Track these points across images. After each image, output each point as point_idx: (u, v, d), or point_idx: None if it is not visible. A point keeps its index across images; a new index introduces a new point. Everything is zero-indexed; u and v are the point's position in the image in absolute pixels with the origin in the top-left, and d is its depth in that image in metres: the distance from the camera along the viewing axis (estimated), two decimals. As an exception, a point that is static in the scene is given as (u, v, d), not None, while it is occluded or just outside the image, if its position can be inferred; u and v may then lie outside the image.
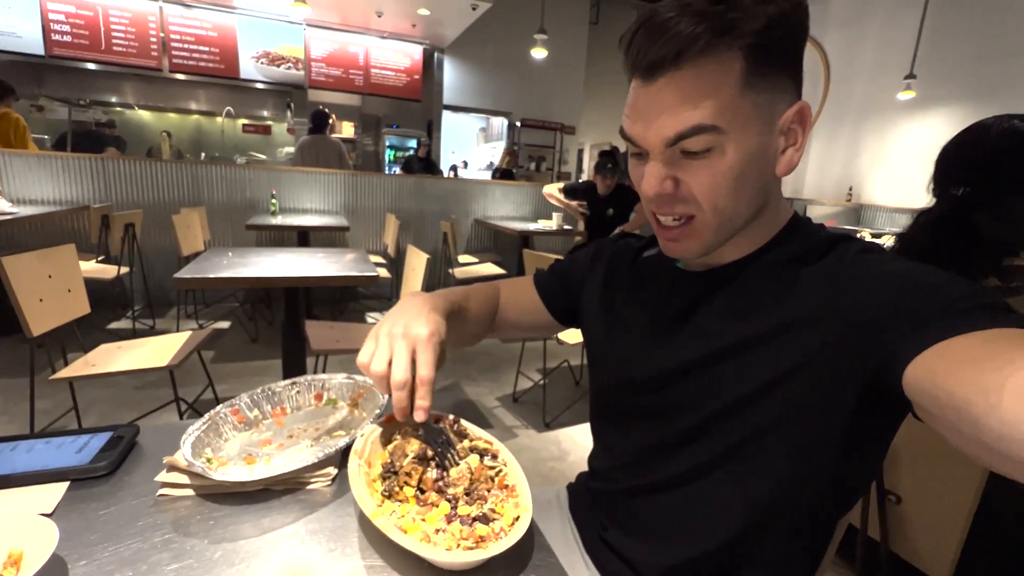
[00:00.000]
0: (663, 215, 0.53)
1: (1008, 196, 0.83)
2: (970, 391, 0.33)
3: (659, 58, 0.45)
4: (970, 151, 0.88)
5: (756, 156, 0.48)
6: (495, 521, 0.45)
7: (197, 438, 0.56)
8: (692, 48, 0.44)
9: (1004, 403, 0.30)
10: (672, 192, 0.50)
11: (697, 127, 0.46)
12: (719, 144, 0.46)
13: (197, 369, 2.17)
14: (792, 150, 0.50)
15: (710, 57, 0.44)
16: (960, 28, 4.60)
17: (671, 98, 0.46)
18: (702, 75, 0.45)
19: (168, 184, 3.63)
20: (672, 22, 0.44)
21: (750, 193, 0.50)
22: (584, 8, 7.30)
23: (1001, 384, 0.31)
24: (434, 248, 4.31)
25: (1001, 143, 0.84)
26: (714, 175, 0.48)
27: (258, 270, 1.76)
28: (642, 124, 0.49)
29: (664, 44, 0.44)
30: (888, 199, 5.29)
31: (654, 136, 0.48)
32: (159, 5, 5.02)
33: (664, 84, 0.46)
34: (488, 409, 2.43)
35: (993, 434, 0.31)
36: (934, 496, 0.80)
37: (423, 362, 0.50)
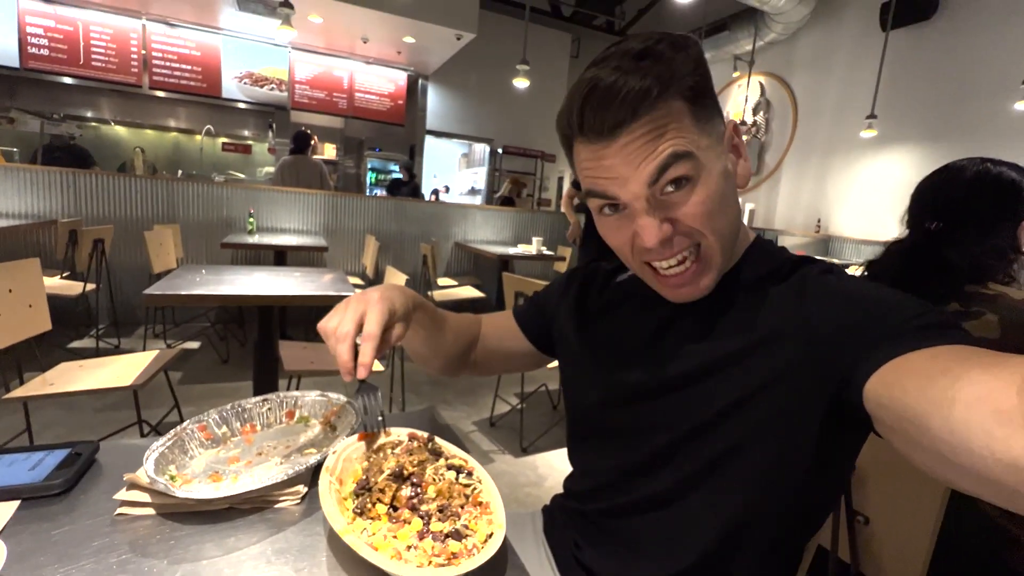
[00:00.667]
0: (667, 259, 0.52)
1: (976, 233, 0.89)
2: (924, 404, 0.35)
3: (618, 120, 0.47)
4: (945, 189, 0.94)
5: (726, 176, 0.51)
6: (468, 537, 0.45)
7: (161, 455, 0.54)
8: (644, 103, 0.46)
9: (955, 414, 0.32)
10: (671, 233, 0.50)
11: (673, 154, 0.47)
12: (696, 172, 0.48)
13: (163, 390, 2.09)
14: (741, 161, 0.54)
15: (660, 107, 0.47)
16: (916, 73, 4.91)
17: (639, 144, 0.47)
18: (658, 123, 0.47)
19: (142, 200, 3.56)
20: (617, 85, 0.46)
21: (734, 210, 0.54)
22: (565, 42, 7.56)
23: (952, 397, 0.33)
24: (414, 270, 4.30)
25: (975, 184, 0.91)
26: (702, 201, 0.49)
27: (232, 288, 1.73)
28: (614, 179, 0.49)
29: (619, 106, 0.46)
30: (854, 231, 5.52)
31: (635, 183, 0.48)
32: (142, 23, 5.01)
33: (627, 138, 0.47)
34: (464, 433, 2.40)
35: (946, 445, 0.33)
36: (900, 516, 0.82)
37: (368, 320, 0.53)
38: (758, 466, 0.51)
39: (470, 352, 0.77)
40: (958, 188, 0.92)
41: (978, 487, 0.33)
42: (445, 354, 0.73)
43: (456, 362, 0.76)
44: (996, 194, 0.90)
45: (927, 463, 0.37)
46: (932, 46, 4.79)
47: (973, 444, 0.31)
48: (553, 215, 5.08)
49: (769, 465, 0.50)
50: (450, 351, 0.73)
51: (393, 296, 0.57)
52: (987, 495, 0.33)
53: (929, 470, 0.37)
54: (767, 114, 6.43)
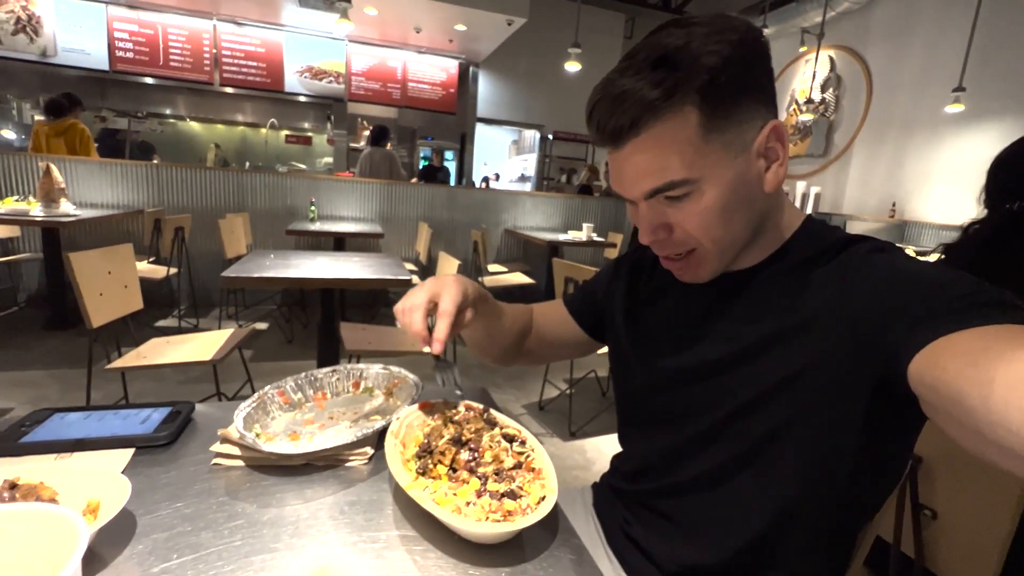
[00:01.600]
0: (665, 255, 0.57)
1: None
2: (964, 384, 0.34)
3: (618, 127, 0.49)
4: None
5: (737, 186, 0.51)
6: (522, 498, 0.48)
7: (247, 414, 0.60)
8: (646, 115, 0.47)
9: (995, 394, 0.31)
10: (667, 237, 0.54)
11: (670, 183, 0.49)
12: (696, 189, 0.50)
13: (237, 366, 2.27)
14: (776, 166, 0.52)
15: (664, 120, 0.47)
16: (1014, 39, 4.42)
17: (639, 160, 0.50)
18: (662, 137, 0.48)
19: (215, 191, 3.83)
20: (624, 94, 0.47)
21: (743, 218, 0.53)
22: (619, 22, 7.35)
23: (991, 377, 0.32)
24: (465, 256, 4.38)
25: None
26: (701, 214, 0.51)
27: (298, 271, 1.85)
28: (621, 185, 0.54)
29: (620, 115, 0.48)
30: (935, 216, 5.09)
31: (634, 192, 0.53)
32: (213, 23, 5.33)
33: (630, 150, 0.50)
34: (514, 416, 2.45)
35: (985, 424, 0.32)
36: (971, 512, 0.78)
37: (444, 299, 0.56)
38: (805, 448, 0.50)
39: (524, 341, 0.80)
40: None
41: (1020, 467, 0.32)
42: (502, 343, 0.76)
43: (511, 351, 0.79)
44: None
45: (969, 442, 0.37)
46: (1034, 8, 4.29)
47: (1013, 425, 0.30)
48: (602, 200, 5.01)
49: (816, 447, 0.50)
50: (506, 340, 0.76)
51: (464, 282, 0.60)
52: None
53: (975, 451, 0.37)
54: (837, 91, 6.00)
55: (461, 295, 0.57)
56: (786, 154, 0.52)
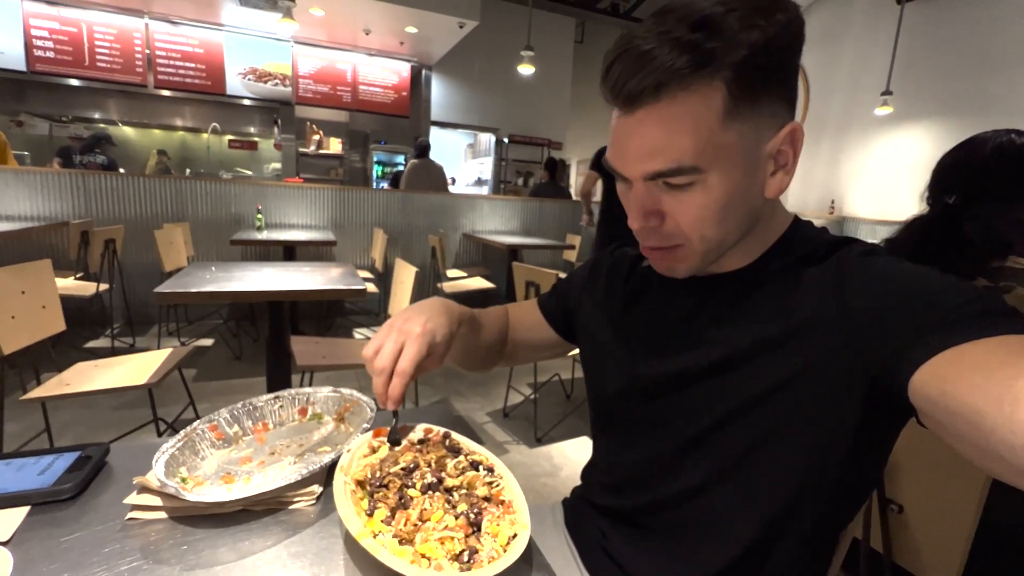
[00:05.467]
0: (648, 245, 0.53)
1: (995, 205, 0.85)
2: (981, 401, 0.32)
3: (638, 90, 0.43)
4: (965, 161, 0.90)
5: (742, 186, 0.47)
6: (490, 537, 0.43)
7: (171, 456, 0.52)
8: (672, 81, 0.42)
9: (1018, 413, 0.29)
10: (657, 226, 0.49)
11: (677, 168, 0.44)
12: (702, 179, 0.45)
13: (178, 388, 2.10)
14: (782, 173, 0.48)
15: (690, 91, 0.42)
16: (934, 46, 4.76)
17: (651, 133, 0.44)
18: (682, 110, 0.43)
19: (151, 199, 3.57)
20: (652, 53, 0.42)
21: (738, 220, 0.49)
22: (570, 27, 7.44)
23: (1015, 394, 0.30)
24: (423, 262, 4.28)
25: (996, 155, 0.87)
26: (699, 208, 0.47)
27: (242, 284, 1.72)
28: (622, 156, 0.48)
29: (644, 76, 0.42)
30: (869, 211, 5.41)
31: (636, 168, 0.47)
32: (145, 22, 5.01)
33: (643, 117, 0.44)
34: (478, 425, 2.39)
35: (1005, 444, 0.30)
36: (936, 505, 0.79)
37: (405, 355, 0.52)
38: (793, 457, 0.48)
39: (503, 346, 0.77)
40: (979, 160, 0.89)
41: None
42: (481, 355, 0.74)
43: (490, 359, 0.77)
44: (1019, 166, 0.86)
45: (982, 461, 0.34)
46: (951, 18, 4.63)
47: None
48: (560, 203, 5.02)
49: (804, 456, 0.48)
50: (485, 351, 0.73)
51: (436, 327, 0.55)
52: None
53: (985, 468, 0.35)
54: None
55: (425, 348, 0.53)
56: (796, 162, 0.48)
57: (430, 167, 4.61)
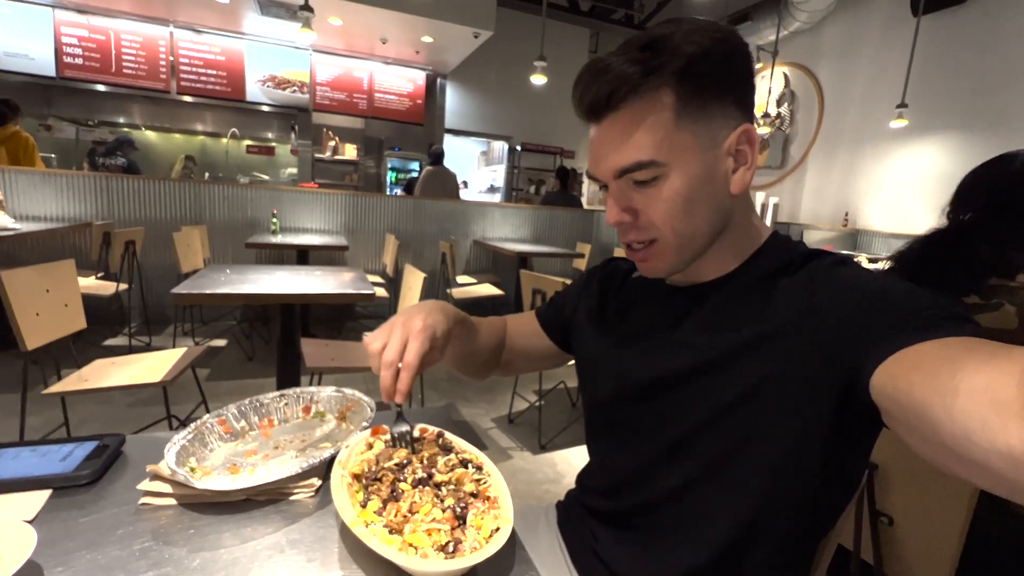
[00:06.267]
0: (628, 241, 0.57)
1: (1011, 226, 0.84)
2: (927, 394, 0.34)
3: (596, 99, 0.51)
4: (989, 178, 0.89)
5: (703, 179, 0.52)
6: (474, 531, 0.45)
7: (182, 447, 0.56)
8: (623, 88, 0.49)
9: (957, 404, 0.32)
10: (632, 221, 0.54)
11: (638, 163, 0.51)
12: (663, 174, 0.51)
13: (191, 386, 2.16)
14: (743, 169, 0.53)
15: (641, 97, 0.49)
16: (949, 60, 4.71)
17: (613, 135, 0.52)
18: (637, 114, 0.50)
19: (170, 202, 3.67)
20: (607, 68, 0.50)
21: (706, 213, 0.53)
22: (584, 37, 7.50)
23: (955, 387, 0.32)
24: (433, 269, 4.33)
25: (1018, 176, 0.85)
26: (665, 201, 0.52)
27: (255, 287, 1.78)
28: (594, 160, 0.55)
29: (600, 87, 0.50)
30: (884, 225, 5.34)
31: (604, 170, 0.54)
32: (170, 30, 5.17)
33: (607, 124, 0.52)
34: (483, 430, 2.41)
35: (948, 435, 0.32)
36: (925, 517, 0.79)
37: (410, 349, 0.54)
38: (770, 459, 0.50)
39: (499, 355, 0.79)
40: (1001, 178, 0.87)
41: (981, 478, 0.33)
42: (477, 360, 0.75)
43: (487, 366, 0.79)
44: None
45: (931, 454, 0.37)
46: (966, 31, 4.59)
47: (973, 434, 0.30)
48: (572, 212, 5.05)
49: (781, 457, 0.50)
50: (482, 357, 0.75)
51: (436, 323, 0.58)
52: (989, 486, 0.33)
53: (934, 461, 0.37)
54: (791, 105, 6.27)
55: (428, 342, 0.56)
56: (755, 159, 0.54)
57: (444, 174, 4.68)
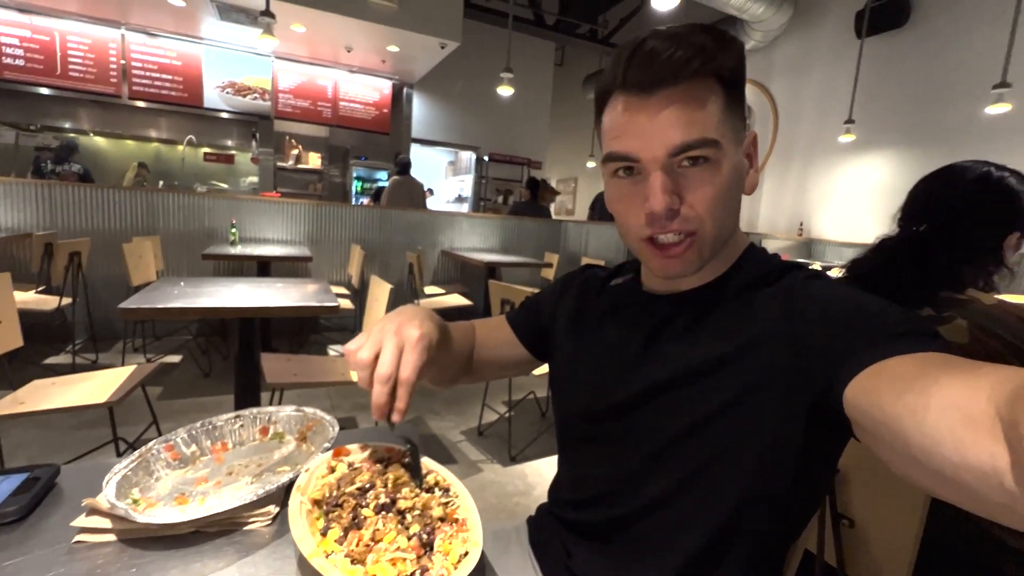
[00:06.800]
0: (665, 234, 0.52)
1: (964, 238, 0.86)
2: (899, 409, 0.35)
3: (657, 76, 0.48)
4: (941, 189, 0.90)
5: (739, 173, 0.53)
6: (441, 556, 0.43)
7: (123, 477, 0.52)
8: (687, 69, 0.48)
9: (929, 419, 0.32)
10: (677, 207, 0.51)
11: (702, 139, 0.49)
12: (716, 157, 0.50)
13: (141, 406, 2.04)
14: (752, 171, 0.56)
15: (700, 81, 0.49)
16: (891, 79, 5.02)
17: (673, 108, 0.49)
18: (698, 92, 0.49)
19: (120, 212, 3.50)
20: (667, 48, 0.48)
21: (736, 208, 0.55)
22: (549, 51, 7.62)
23: (926, 402, 0.33)
24: (400, 279, 4.27)
25: (973, 188, 0.87)
26: (713, 187, 0.50)
27: (212, 300, 1.70)
28: (640, 137, 0.50)
29: (663, 66, 0.48)
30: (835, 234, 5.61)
31: (658, 144, 0.49)
32: (121, 32, 4.96)
33: (663, 98, 0.49)
34: (452, 444, 2.37)
35: (919, 449, 0.33)
36: (884, 519, 0.82)
37: (407, 362, 0.49)
38: (746, 469, 0.51)
39: (469, 362, 0.76)
40: (954, 190, 0.88)
41: (951, 492, 0.33)
42: (450, 366, 0.71)
43: (456, 374, 0.75)
44: (993, 201, 0.86)
45: (903, 468, 0.37)
46: (905, 53, 4.91)
47: (944, 448, 0.31)
48: (539, 222, 5.08)
49: (755, 469, 0.50)
50: (454, 366, 0.71)
51: (430, 332, 0.53)
52: (958, 500, 0.33)
53: (906, 476, 0.37)
54: (749, 120, 6.52)
55: (426, 353, 0.51)
56: (757, 164, 0.56)
57: (411, 184, 4.63)
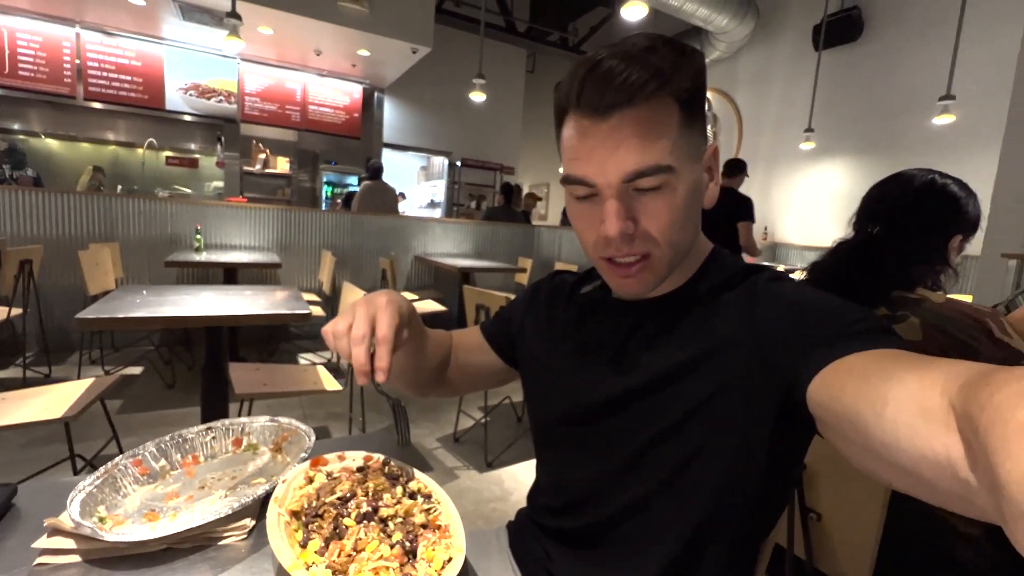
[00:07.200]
0: (622, 256, 0.53)
1: (914, 240, 0.93)
2: (859, 403, 0.36)
3: (612, 99, 0.48)
4: (893, 194, 0.97)
5: (696, 191, 0.53)
6: (424, 562, 0.43)
7: (89, 495, 0.50)
8: (642, 92, 0.47)
9: (887, 413, 0.33)
10: (633, 233, 0.52)
11: (656, 167, 0.48)
12: (670, 182, 0.50)
13: (100, 421, 1.95)
14: (712, 184, 0.56)
15: (654, 104, 0.48)
16: (846, 90, 5.26)
17: (627, 133, 0.48)
18: (653, 114, 0.48)
19: (75, 218, 3.34)
20: (621, 68, 0.47)
21: (694, 225, 0.55)
22: (521, 57, 7.69)
23: (884, 397, 0.34)
24: (372, 285, 4.21)
25: (921, 193, 0.94)
26: (668, 211, 0.51)
27: (176, 309, 1.64)
28: (594, 162, 0.50)
29: (617, 89, 0.47)
30: (798, 238, 5.82)
31: (612, 171, 0.49)
32: (76, 31, 4.76)
33: (618, 120, 0.48)
34: (428, 451, 2.35)
35: (878, 443, 0.34)
36: (848, 511, 0.85)
37: (380, 322, 0.50)
38: (719, 469, 0.52)
39: (444, 370, 0.75)
40: (905, 195, 0.95)
41: (909, 485, 0.34)
42: (425, 370, 0.70)
43: (432, 380, 0.74)
44: (938, 206, 0.93)
45: (864, 462, 0.38)
46: (859, 66, 5.15)
47: (902, 441, 0.32)
48: (513, 227, 5.10)
49: (729, 468, 0.52)
50: (429, 367, 0.71)
51: (399, 300, 0.55)
52: (917, 492, 0.34)
53: (867, 469, 0.39)
54: (715, 128, 6.72)
55: (397, 315, 0.52)
56: (718, 176, 0.56)
57: (383, 189, 4.58)
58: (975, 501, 0.28)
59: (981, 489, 0.26)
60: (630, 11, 3.15)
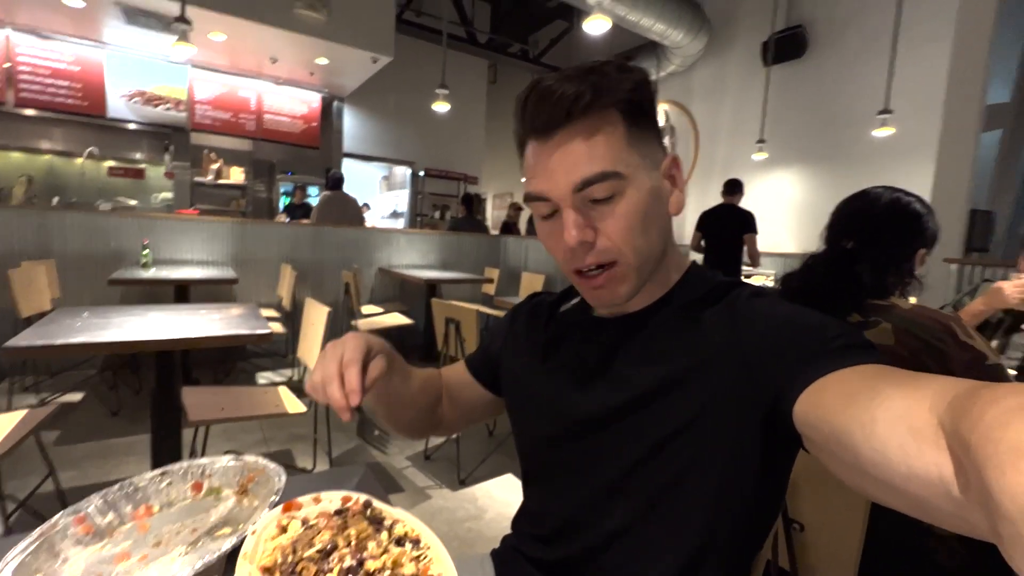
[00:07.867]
0: (586, 267, 0.54)
1: (885, 254, 1.00)
2: (848, 422, 0.36)
3: (551, 117, 0.50)
4: (864, 212, 1.05)
5: (654, 196, 0.53)
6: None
7: (20, 564, 0.43)
8: (578, 105, 0.49)
9: (876, 431, 0.33)
10: (593, 240, 0.52)
11: (602, 173, 0.50)
12: (621, 189, 0.51)
13: (33, 455, 1.78)
14: (677, 191, 0.57)
15: (595, 114, 0.50)
16: (794, 103, 5.53)
17: (572, 147, 0.50)
18: (593, 127, 0.50)
19: (4, 233, 3.08)
20: (556, 88, 0.50)
21: (657, 232, 0.54)
22: (482, 68, 7.73)
23: (872, 415, 0.34)
24: (335, 299, 4.08)
25: (889, 211, 1.02)
26: (624, 217, 0.51)
27: (122, 332, 1.52)
28: (547, 177, 0.52)
29: (554, 106, 0.50)
30: (754, 245, 6.03)
31: (563, 183, 0.51)
32: (6, 33, 4.44)
33: (562, 138, 0.50)
34: (398, 470, 2.27)
35: (868, 460, 0.34)
36: (831, 522, 0.86)
37: (346, 352, 0.51)
38: (708, 488, 0.51)
39: (436, 408, 0.74)
40: (874, 211, 1.03)
41: (900, 502, 0.34)
42: (413, 408, 0.69)
43: (424, 419, 0.73)
44: (905, 222, 1.01)
45: (852, 479, 0.38)
46: (806, 81, 5.43)
47: (892, 460, 0.32)
48: (478, 237, 5.07)
49: (718, 486, 0.51)
50: (417, 405, 0.70)
51: (367, 335, 0.56)
52: (909, 509, 0.34)
53: (854, 485, 0.39)
54: (672, 138, 6.93)
55: (364, 346, 0.53)
56: (683, 184, 0.57)
57: (343, 200, 4.46)
58: (967, 518, 0.28)
59: (973, 507, 0.26)
60: (592, 25, 3.21)
